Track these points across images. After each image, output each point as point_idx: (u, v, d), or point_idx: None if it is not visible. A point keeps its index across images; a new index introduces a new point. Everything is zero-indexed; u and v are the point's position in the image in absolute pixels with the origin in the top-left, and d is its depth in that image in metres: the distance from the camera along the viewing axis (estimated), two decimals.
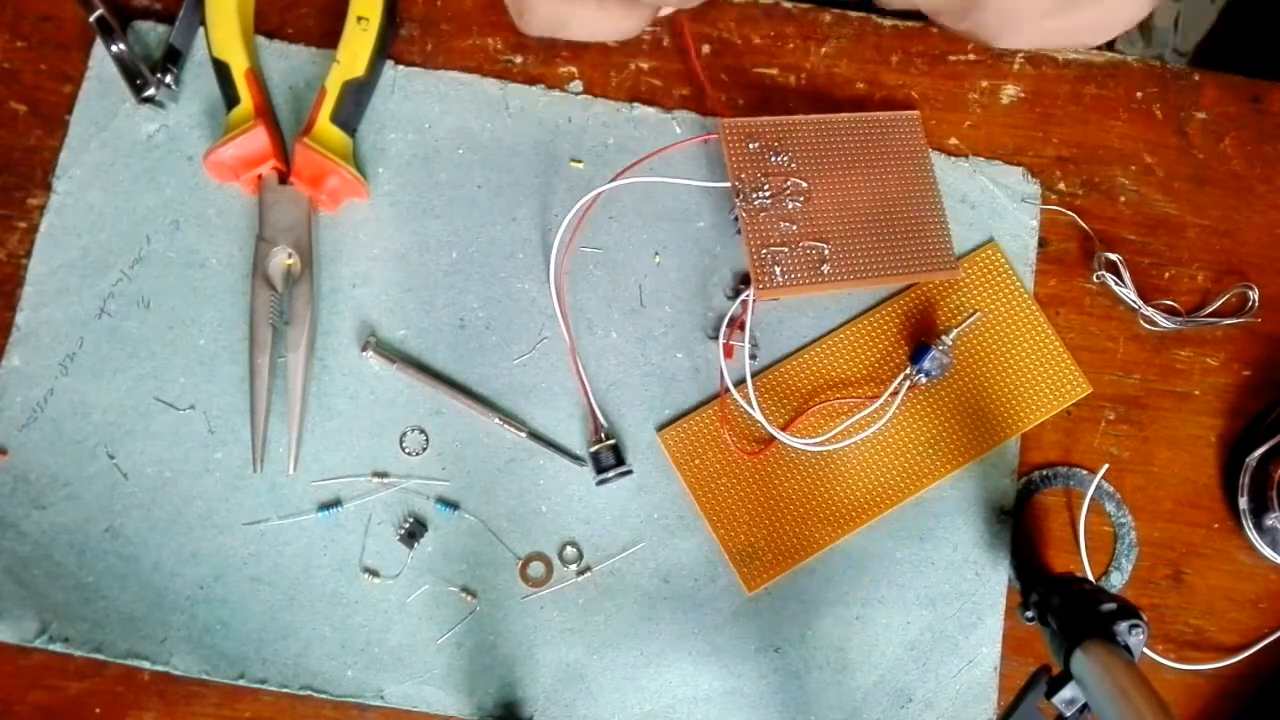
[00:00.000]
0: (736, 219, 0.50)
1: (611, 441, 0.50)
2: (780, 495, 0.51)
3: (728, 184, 0.50)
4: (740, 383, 0.50)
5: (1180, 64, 0.57)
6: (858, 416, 0.50)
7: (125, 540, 0.49)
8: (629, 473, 0.50)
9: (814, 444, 0.50)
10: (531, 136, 0.53)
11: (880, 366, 0.52)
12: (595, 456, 0.50)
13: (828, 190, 0.50)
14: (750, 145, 0.50)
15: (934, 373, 0.50)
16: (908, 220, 0.51)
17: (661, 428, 0.51)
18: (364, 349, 0.51)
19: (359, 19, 0.51)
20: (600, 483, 0.50)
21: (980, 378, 0.52)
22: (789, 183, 0.49)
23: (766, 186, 0.49)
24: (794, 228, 0.49)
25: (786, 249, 0.49)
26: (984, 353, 0.52)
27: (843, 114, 0.52)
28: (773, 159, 0.50)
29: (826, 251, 0.49)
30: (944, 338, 0.50)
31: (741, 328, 0.51)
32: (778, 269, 0.48)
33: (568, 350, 0.51)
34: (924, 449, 0.51)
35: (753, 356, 0.50)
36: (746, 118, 0.50)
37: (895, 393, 0.50)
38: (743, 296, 0.50)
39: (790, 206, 0.49)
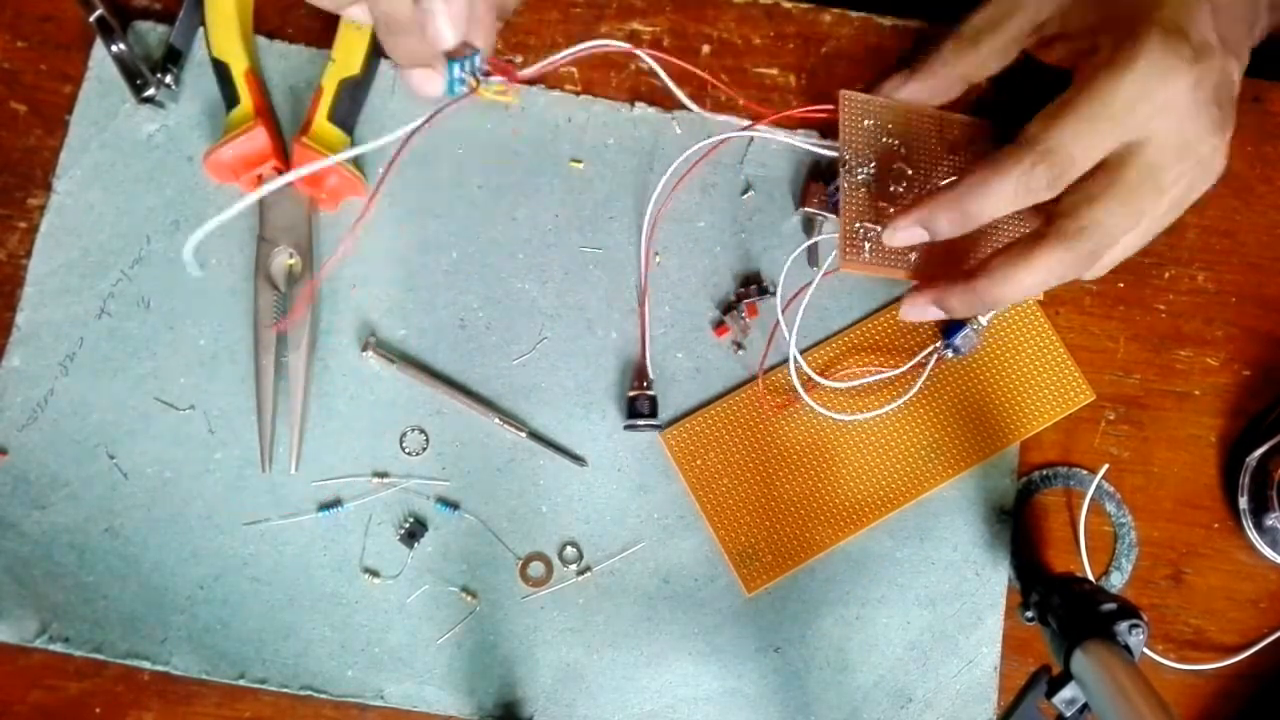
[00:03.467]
0: (835, 192, 0.49)
1: (652, 393, 0.50)
2: (781, 497, 0.51)
3: (835, 153, 0.50)
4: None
5: None
6: (880, 376, 0.51)
7: (125, 540, 0.49)
8: (659, 427, 0.50)
9: (838, 386, 0.50)
10: (531, 136, 0.53)
11: (899, 359, 0.52)
12: (632, 401, 0.50)
13: (931, 181, 0.50)
14: (866, 122, 0.50)
15: (962, 349, 0.51)
16: (999, 232, 0.50)
17: (663, 428, 0.51)
18: (364, 349, 0.51)
19: None
20: (628, 428, 0.50)
21: (983, 381, 0.52)
22: (895, 166, 0.49)
23: (873, 164, 0.49)
24: (891, 210, 0.49)
25: (878, 228, 0.48)
26: (987, 355, 0.52)
27: (963, 115, 0.51)
28: (884, 140, 0.50)
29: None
30: (980, 318, 0.51)
31: (732, 303, 0.51)
32: (867, 245, 0.48)
33: (639, 290, 0.52)
34: (925, 453, 0.51)
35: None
36: (867, 94, 0.50)
37: (922, 364, 0.51)
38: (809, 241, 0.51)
39: (892, 189, 0.49)
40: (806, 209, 0.52)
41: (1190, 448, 0.52)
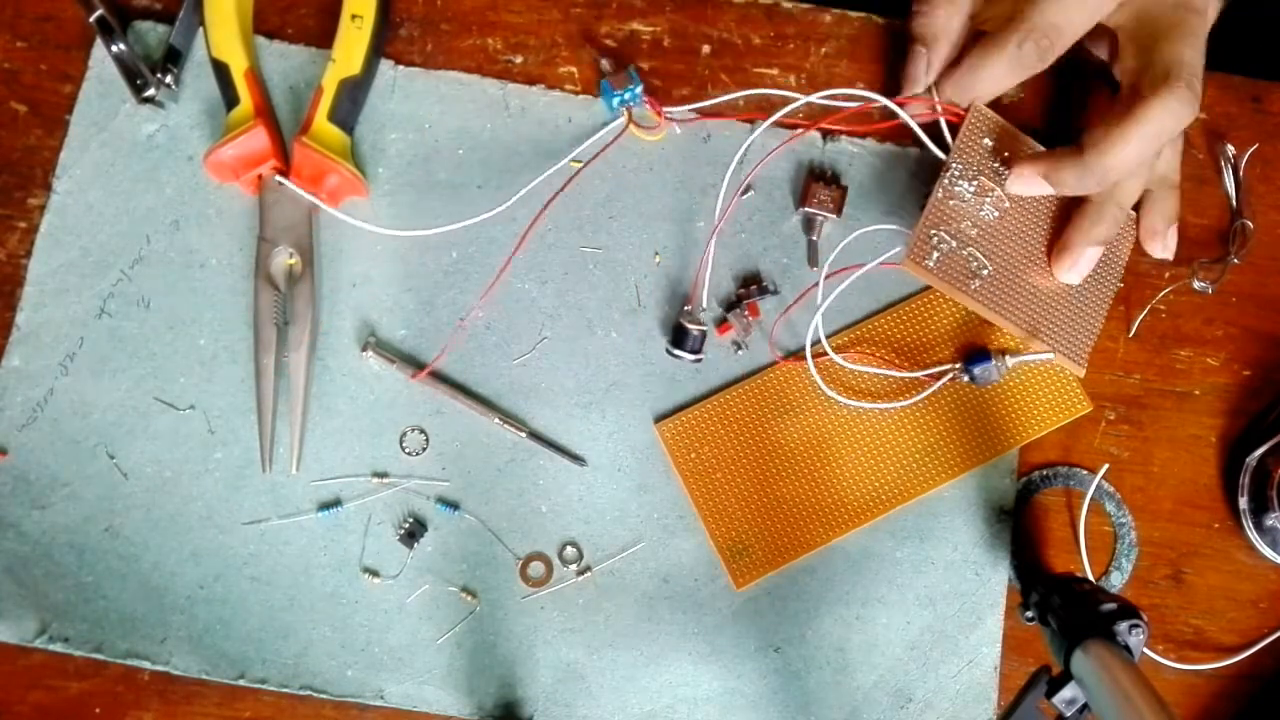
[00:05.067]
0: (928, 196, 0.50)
1: (705, 327, 0.50)
2: (776, 494, 0.50)
3: (944, 157, 0.50)
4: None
5: None
6: (892, 374, 0.51)
7: (125, 540, 0.49)
8: (699, 360, 0.50)
9: (852, 368, 0.51)
10: (531, 136, 0.53)
11: (909, 357, 0.52)
12: (682, 329, 0.50)
13: (1023, 224, 0.50)
14: (985, 140, 0.50)
15: (980, 380, 0.50)
16: (1072, 298, 0.51)
17: (660, 419, 0.51)
18: (364, 349, 0.51)
19: (353, 17, 0.51)
20: (670, 353, 0.50)
21: (984, 390, 0.51)
22: (995, 193, 0.49)
23: (976, 183, 0.49)
24: (973, 232, 0.49)
25: (954, 243, 0.48)
26: None
27: None
28: (995, 164, 0.50)
29: (986, 271, 0.49)
30: (1007, 357, 0.50)
31: (731, 303, 0.51)
32: (935, 254, 0.48)
33: (711, 237, 0.51)
34: (923, 456, 0.51)
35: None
36: (998, 116, 0.50)
37: (935, 378, 0.51)
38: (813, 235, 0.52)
39: (983, 213, 0.49)
40: (807, 209, 0.52)
41: (1190, 448, 0.52)
